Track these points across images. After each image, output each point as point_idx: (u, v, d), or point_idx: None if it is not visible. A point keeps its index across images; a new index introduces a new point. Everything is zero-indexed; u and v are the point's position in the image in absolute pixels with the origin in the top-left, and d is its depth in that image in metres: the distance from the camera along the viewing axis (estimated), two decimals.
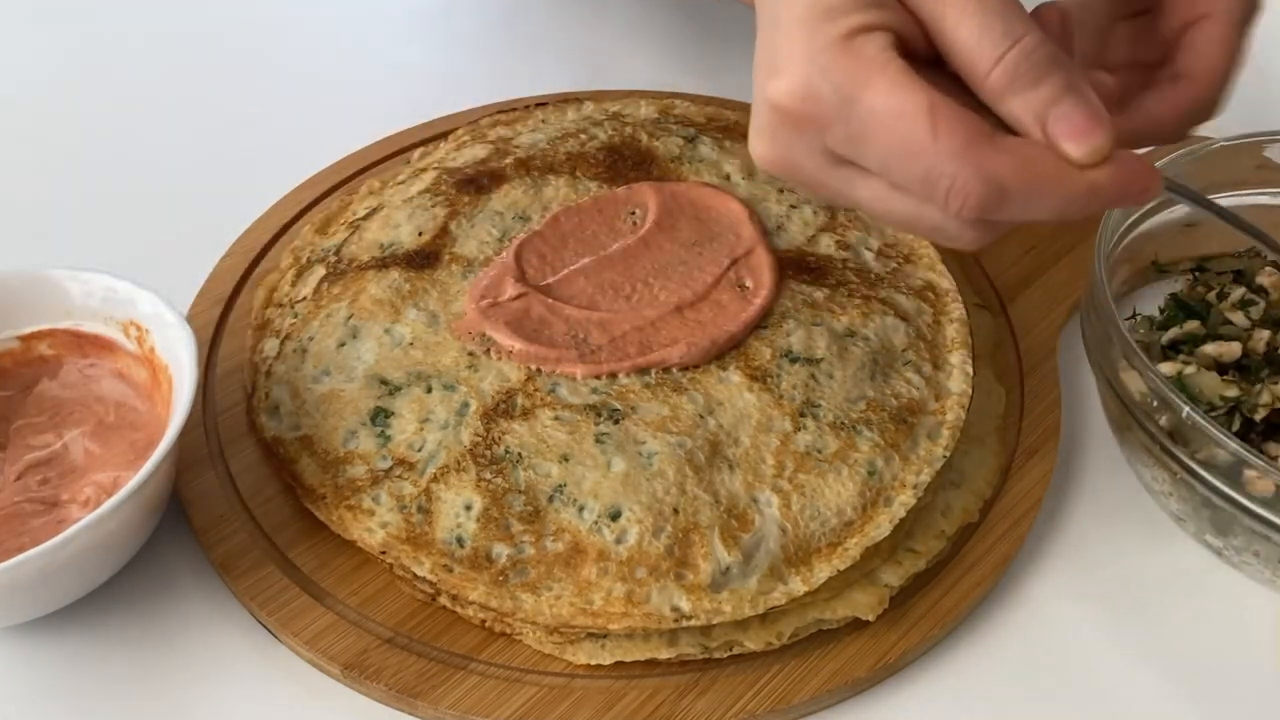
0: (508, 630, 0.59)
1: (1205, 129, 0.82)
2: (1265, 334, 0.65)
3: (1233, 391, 0.62)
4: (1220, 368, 0.65)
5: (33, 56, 0.96)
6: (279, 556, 0.62)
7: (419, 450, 0.62)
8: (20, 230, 0.81)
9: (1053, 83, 0.49)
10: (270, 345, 0.69)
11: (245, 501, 0.64)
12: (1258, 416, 0.62)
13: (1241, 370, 0.65)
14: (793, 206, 0.74)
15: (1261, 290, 0.68)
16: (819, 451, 0.62)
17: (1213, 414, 0.61)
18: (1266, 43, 0.71)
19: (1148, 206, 0.71)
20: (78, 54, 0.96)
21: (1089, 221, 0.78)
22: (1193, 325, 0.67)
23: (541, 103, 0.84)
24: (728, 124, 0.82)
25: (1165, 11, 0.63)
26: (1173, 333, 0.68)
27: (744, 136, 0.80)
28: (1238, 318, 0.67)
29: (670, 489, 0.59)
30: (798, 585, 0.58)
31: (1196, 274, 0.74)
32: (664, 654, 0.58)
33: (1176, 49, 0.62)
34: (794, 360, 0.65)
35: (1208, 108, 0.62)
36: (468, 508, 0.60)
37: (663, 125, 0.80)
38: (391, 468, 0.61)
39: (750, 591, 0.57)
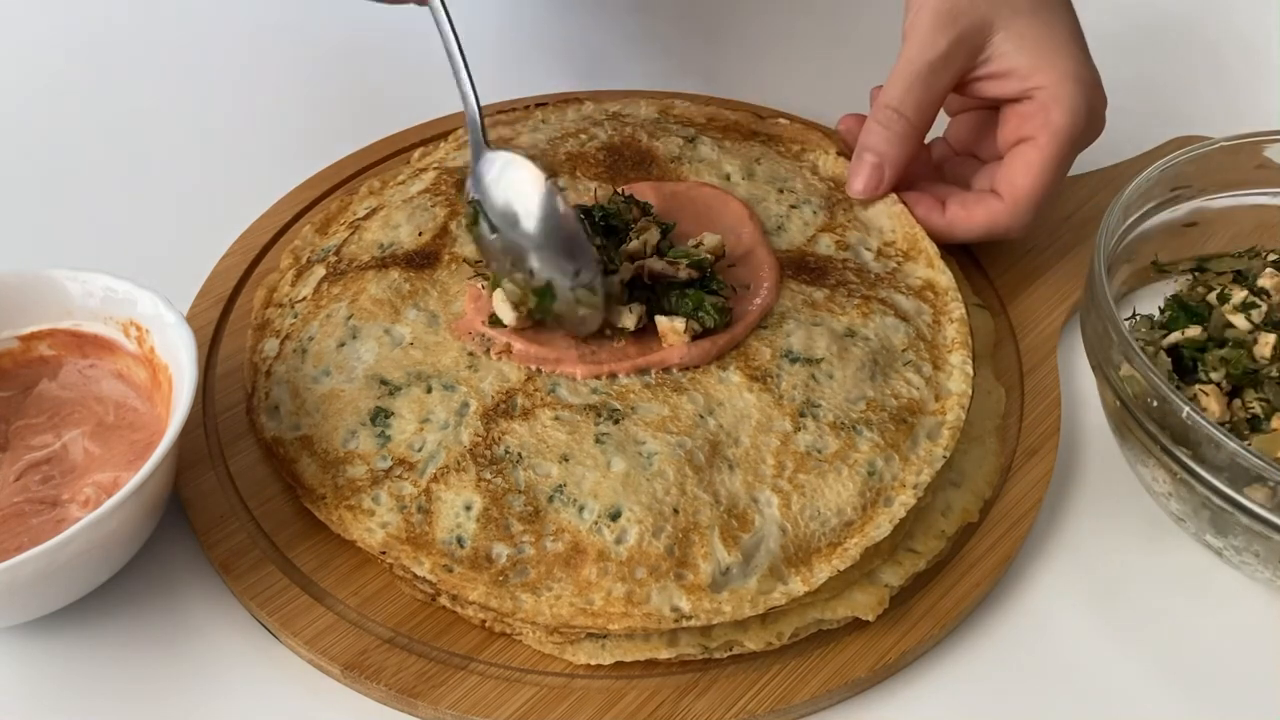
0: (508, 630, 0.59)
1: (1202, 129, 0.82)
2: (1270, 338, 0.65)
3: None
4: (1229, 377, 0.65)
5: (33, 57, 0.96)
6: (279, 556, 0.62)
7: (419, 450, 0.62)
8: (20, 230, 0.81)
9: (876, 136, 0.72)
10: (270, 345, 0.69)
11: (245, 501, 0.64)
12: None
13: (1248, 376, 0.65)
14: (793, 206, 0.74)
15: (1263, 293, 0.68)
16: (819, 451, 0.62)
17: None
18: (1267, 43, 0.71)
19: (1148, 206, 0.71)
20: (78, 55, 0.96)
21: (1089, 222, 0.78)
22: (1194, 331, 0.67)
23: (541, 103, 0.84)
24: (727, 124, 0.82)
25: (1002, 121, 0.74)
26: (1174, 337, 0.68)
27: (744, 137, 0.80)
28: (1239, 321, 0.67)
29: (670, 489, 0.59)
30: (798, 585, 0.58)
31: (1196, 274, 0.74)
32: (664, 654, 0.58)
33: (1001, 163, 0.73)
34: (794, 360, 0.65)
35: (1011, 229, 0.72)
36: (468, 508, 0.60)
37: (663, 125, 0.80)
38: (391, 468, 0.61)
39: (750, 592, 0.57)
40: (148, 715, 0.58)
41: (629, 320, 0.65)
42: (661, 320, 0.65)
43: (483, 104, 0.87)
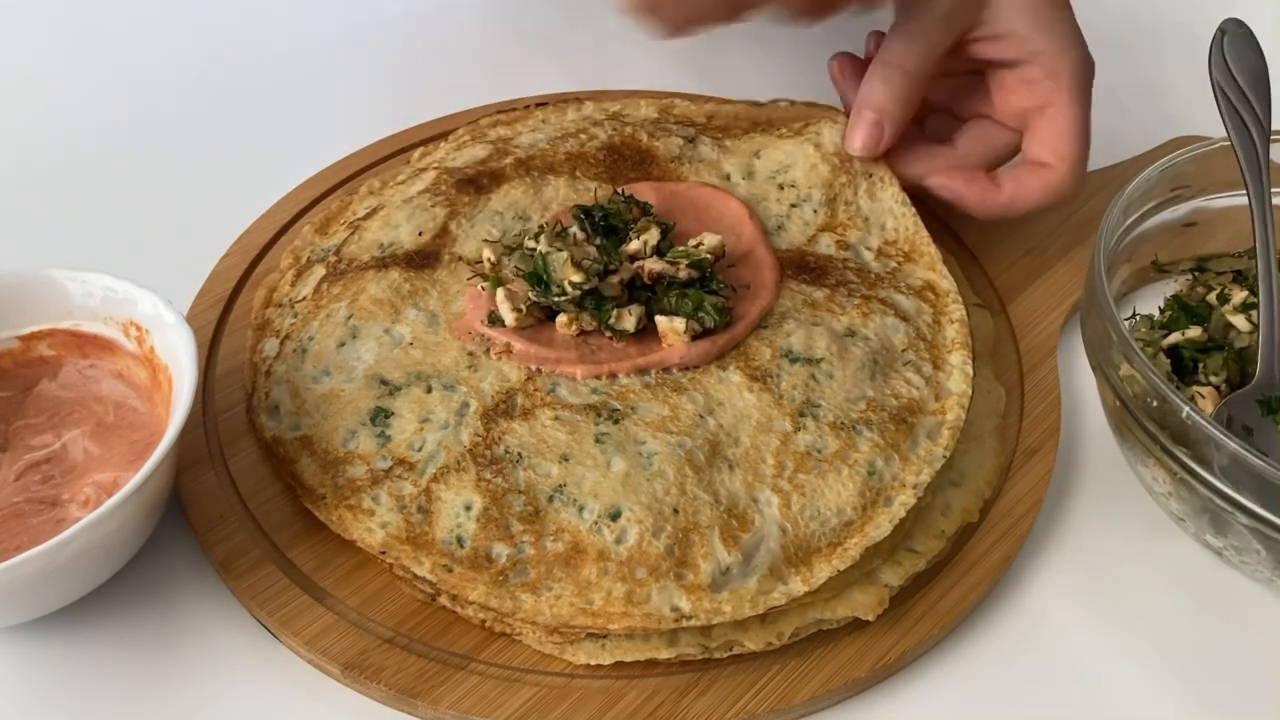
0: (508, 630, 0.59)
1: (1202, 130, 0.82)
2: None
3: None
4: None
5: (33, 57, 0.96)
6: (279, 556, 0.62)
7: (419, 450, 0.62)
8: (20, 230, 0.81)
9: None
10: (270, 345, 0.69)
11: (245, 501, 0.64)
12: None
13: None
14: (793, 205, 0.74)
15: None
16: (819, 451, 0.61)
17: None
18: (1267, 44, 0.71)
19: (1148, 206, 0.71)
20: (78, 54, 0.96)
21: (1089, 221, 0.78)
22: (1195, 332, 0.67)
23: (541, 103, 0.84)
24: (727, 120, 0.82)
25: (1000, 86, 0.74)
26: (1174, 337, 0.68)
27: (744, 131, 0.80)
28: (1239, 321, 0.67)
29: (670, 489, 0.59)
30: (798, 585, 0.58)
31: (1196, 274, 0.74)
32: (664, 654, 0.58)
33: (1026, 134, 0.73)
34: (794, 360, 0.65)
35: (1068, 191, 0.73)
36: (467, 508, 0.60)
37: (663, 125, 0.80)
38: (391, 468, 0.61)
39: (750, 591, 0.57)
40: (147, 715, 0.58)
41: (628, 321, 0.65)
42: (661, 320, 0.65)
43: (483, 104, 0.88)
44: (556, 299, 0.64)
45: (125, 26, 0.99)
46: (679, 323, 0.64)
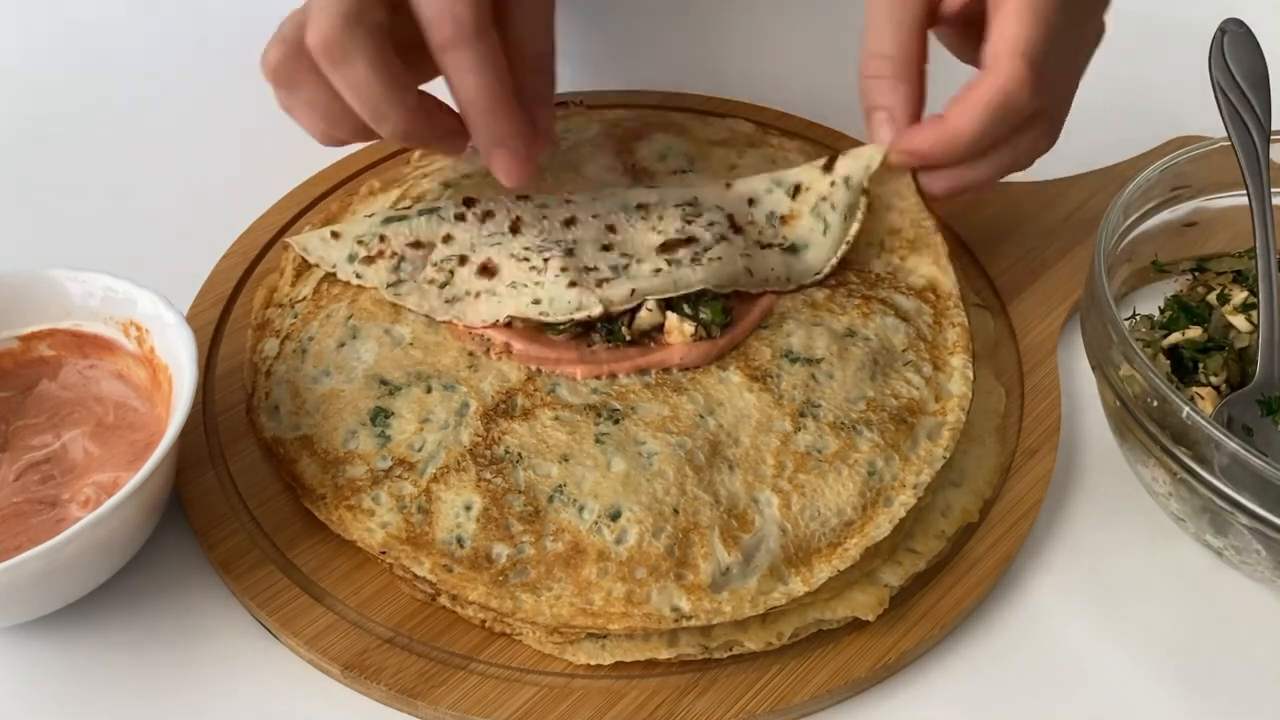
0: (508, 630, 0.59)
1: (1202, 129, 0.82)
2: None
3: None
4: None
5: (32, 56, 0.96)
6: (279, 556, 0.62)
7: (419, 450, 0.62)
8: (20, 230, 0.81)
9: None
10: (270, 345, 0.69)
11: (245, 501, 0.64)
12: None
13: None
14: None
15: None
16: (819, 451, 0.62)
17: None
18: (1267, 44, 0.71)
19: (1148, 206, 0.71)
20: (78, 53, 0.96)
21: (1089, 221, 0.78)
22: (1194, 332, 0.67)
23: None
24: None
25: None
26: (1174, 337, 0.68)
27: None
28: (1239, 322, 0.67)
29: (670, 489, 0.59)
30: (798, 585, 0.58)
31: (1196, 274, 0.74)
32: (664, 654, 0.58)
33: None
34: (794, 360, 0.65)
35: (1011, 92, 0.61)
36: (467, 508, 0.60)
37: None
38: (391, 468, 0.61)
39: (750, 592, 0.57)
40: (147, 715, 0.58)
41: (653, 318, 0.64)
42: (672, 316, 0.65)
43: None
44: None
45: (125, 25, 0.99)
46: (689, 325, 0.64)
